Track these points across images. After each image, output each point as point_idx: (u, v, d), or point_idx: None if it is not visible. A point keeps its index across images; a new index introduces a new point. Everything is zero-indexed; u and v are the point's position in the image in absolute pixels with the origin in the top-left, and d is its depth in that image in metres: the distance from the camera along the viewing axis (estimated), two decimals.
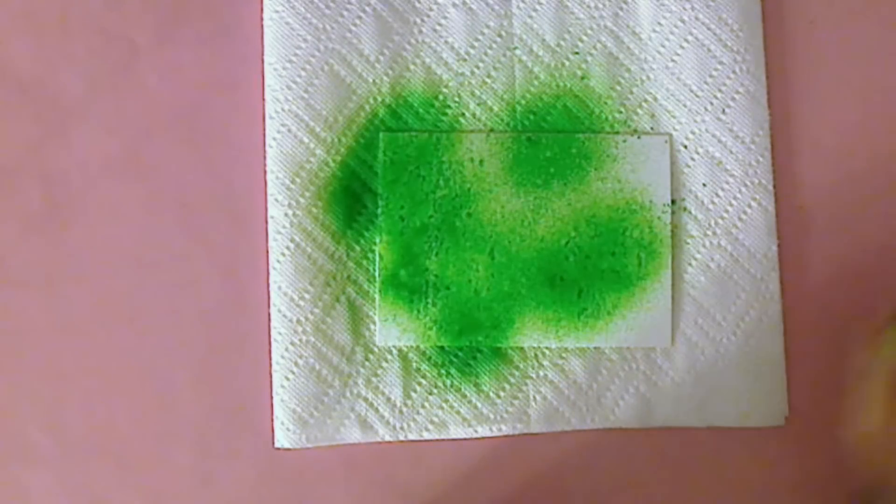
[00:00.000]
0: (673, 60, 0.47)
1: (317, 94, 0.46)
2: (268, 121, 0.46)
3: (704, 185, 0.47)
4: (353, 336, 0.46)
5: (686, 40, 0.47)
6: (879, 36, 0.49)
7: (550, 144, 0.47)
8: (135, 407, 0.46)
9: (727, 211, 0.47)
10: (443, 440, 0.46)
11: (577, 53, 0.48)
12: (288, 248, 0.46)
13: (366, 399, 0.46)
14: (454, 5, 0.47)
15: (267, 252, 0.46)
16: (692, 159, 0.47)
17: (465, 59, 0.47)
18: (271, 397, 0.46)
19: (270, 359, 0.46)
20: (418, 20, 0.47)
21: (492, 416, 0.46)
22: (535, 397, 0.46)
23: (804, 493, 0.47)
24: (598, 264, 0.46)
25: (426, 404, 0.46)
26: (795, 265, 0.47)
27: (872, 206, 0.48)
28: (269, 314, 0.46)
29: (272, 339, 0.46)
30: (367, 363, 0.46)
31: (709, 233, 0.47)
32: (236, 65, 0.47)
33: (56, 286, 0.46)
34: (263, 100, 0.47)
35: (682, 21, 0.47)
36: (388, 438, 0.46)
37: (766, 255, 0.47)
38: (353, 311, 0.46)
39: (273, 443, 0.46)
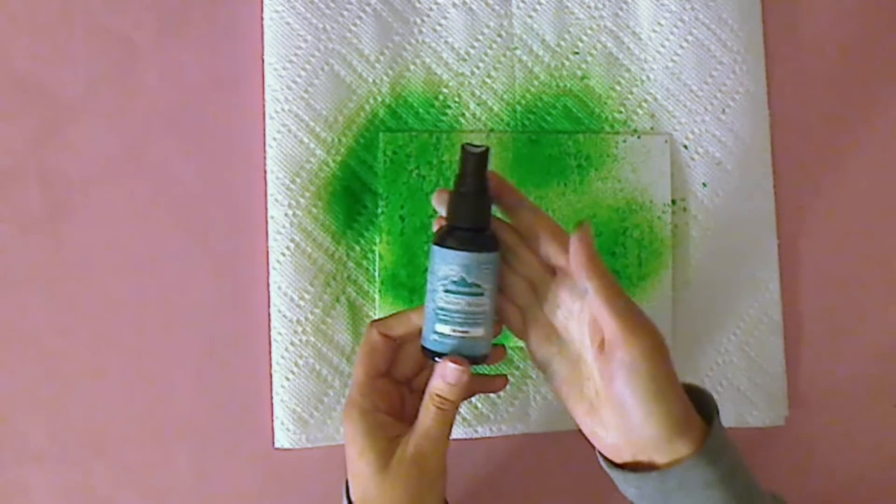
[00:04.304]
0: (673, 60, 0.47)
1: (317, 94, 0.46)
2: (268, 121, 0.46)
3: (704, 185, 0.47)
4: (353, 336, 0.46)
5: (686, 40, 0.47)
6: (879, 36, 0.49)
7: (550, 144, 0.47)
8: (135, 407, 0.46)
9: (727, 211, 0.47)
10: None
11: (577, 53, 0.48)
12: (288, 248, 0.46)
13: None
14: (454, 5, 0.47)
15: (267, 252, 0.46)
16: (692, 159, 0.47)
17: (465, 59, 0.47)
18: (271, 397, 0.46)
19: (270, 359, 0.46)
20: (418, 20, 0.47)
21: (492, 416, 0.46)
22: (535, 397, 0.46)
23: (804, 492, 0.47)
24: None
25: None
26: (795, 265, 0.47)
27: (872, 207, 0.48)
28: (269, 314, 0.46)
29: (272, 339, 0.46)
30: None
31: (709, 233, 0.47)
32: (236, 65, 0.47)
33: (56, 286, 0.46)
34: (263, 100, 0.47)
35: (682, 21, 0.47)
36: None
37: (766, 255, 0.47)
38: (353, 311, 0.46)
39: (273, 443, 0.46)
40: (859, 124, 0.48)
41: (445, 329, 0.37)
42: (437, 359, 0.38)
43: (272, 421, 0.46)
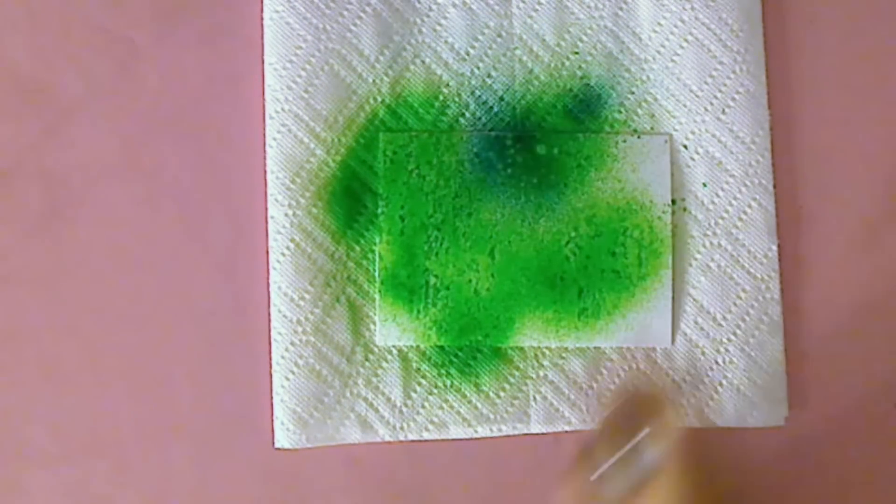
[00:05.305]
0: (673, 60, 0.47)
1: (317, 94, 0.46)
2: (268, 121, 0.46)
3: (704, 185, 0.47)
4: (353, 336, 0.46)
5: (686, 40, 0.47)
6: (879, 36, 0.49)
7: (550, 144, 0.47)
8: (135, 407, 0.46)
9: (727, 211, 0.47)
10: (443, 440, 0.46)
11: (577, 53, 0.48)
12: (288, 248, 0.46)
13: (366, 399, 0.46)
14: (454, 5, 0.47)
15: (267, 252, 0.46)
16: (692, 159, 0.47)
17: (465, 59, 0.47)
18: (271, 397, 0.46)
19: (270, 359, 0.46)
20: (418, 20, 0.47)
21: (492, 416, 0.46)
22: (535, 397, 0.46)
23: (804, 493, 0.47)
24: (598, 264, 0.46)
25: (426, 404, 0.46)
26: (795, 265, 0.47)
27: (872, 206, 0.48)
28: (269, 314, 0.46)
29: (272, 340, 0.46)
30: (367, 363, 0.46)
31: (709, 233, 0.47)
32: (236, 65, 0.47)
33: (56, 286, 0.46)
34: (263, 100, 0.47)
35: (682, 21, 0.47)
36: (388, 438, 0.46)
37: (766, 255, 0.47)
38: (353, 311, 0.46)
39: (273, 443, 0.46)
40: (860, 124, 0.48)
41: None
42: None
43: (272, 421, 0.46)
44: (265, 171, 0.46)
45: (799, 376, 0.47)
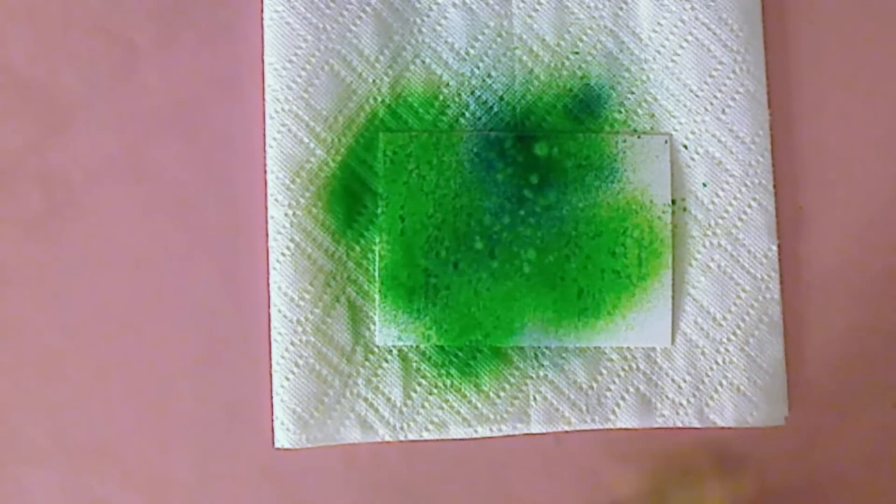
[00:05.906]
0: (673, 60, 0.47)
1: (317, 94, 0.46)
2: (268, 121, 0.46)
3: (704, 185, 0.47)
4: (353, 336, 0.46)
5: (686, 40, 0.47)
6: (879, 36, 0.49)
7: (550, 144, 0.47)
8: (135, 407, 0.46)
9: (727, 211, 0.47)
10: (443, 440, 0.46)
11: (577, 53, 0.48)
12: (288, 248, 0.46)
13: (366, 399, 0.46)
14: (454, 5, 0.47)
15: (267, 252, 0.46)
16: (692, 159, 0.47)
17: (465, 59, 0.47)
18: (271, 397, 0.46)
19: (270, 359, 0.46)
20: (418, 20, 0.47)
21: (492, 416, 0.46)
22: (535, 397, 0.46)
23: (804, 493, 0.47)
24: (598, 264, 0.46)
25: (426, 404, 0.46)
26: (795, 265, 0.47)
27: (872, 206, 0.48)
28: (269, 314, 0.46)
29: (272, 339, 0.46)
30: (367, 363, 0.46)
31: (709, 233, 0.47)
32: (236, 65, 0.47)
33: (56, 286, 0.46)
34: (263, 100, 0.47)
35: (682, 21, 0.47)
36: (388, 438, 0.46)
37: (766, 255, 0.47)
38: (353, 311, 0.46)
39: (273, 443, 0.46)
40: (860, 124, 0.48)
41: None
42: None
43: (272, 421, 0.46)
44: (265, 171, 0.46)
45: (799, 376, 0.47)
